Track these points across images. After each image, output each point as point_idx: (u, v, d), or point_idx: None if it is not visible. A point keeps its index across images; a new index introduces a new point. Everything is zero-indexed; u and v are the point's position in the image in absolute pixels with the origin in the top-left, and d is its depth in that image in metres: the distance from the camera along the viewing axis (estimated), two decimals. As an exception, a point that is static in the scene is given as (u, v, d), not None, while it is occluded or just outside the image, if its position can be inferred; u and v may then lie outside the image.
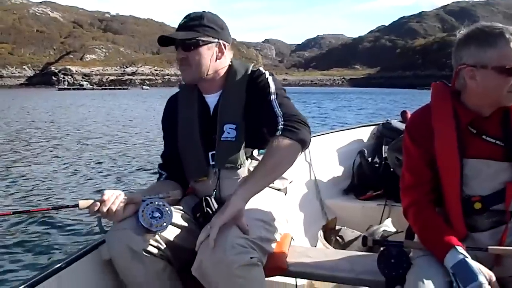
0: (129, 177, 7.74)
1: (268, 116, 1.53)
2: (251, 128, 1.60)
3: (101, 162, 9.17)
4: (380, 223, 2.60)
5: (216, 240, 1.28)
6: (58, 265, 1.40)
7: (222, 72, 1.66)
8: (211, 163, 1.62)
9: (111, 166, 8.75)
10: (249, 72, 1.66)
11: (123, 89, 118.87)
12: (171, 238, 1.48)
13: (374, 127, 3.66)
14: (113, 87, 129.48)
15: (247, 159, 1.61)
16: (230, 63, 1.69)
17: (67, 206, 1.50)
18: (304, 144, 1.45)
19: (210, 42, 1.60)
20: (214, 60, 1.62)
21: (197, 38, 1.57)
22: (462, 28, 1.37)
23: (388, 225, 2.48)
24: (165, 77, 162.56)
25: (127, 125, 17.88)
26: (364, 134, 3.62)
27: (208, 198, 1.52)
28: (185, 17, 1.63)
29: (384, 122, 3.58)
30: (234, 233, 1.32)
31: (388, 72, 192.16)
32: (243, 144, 1.59)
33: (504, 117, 1.36)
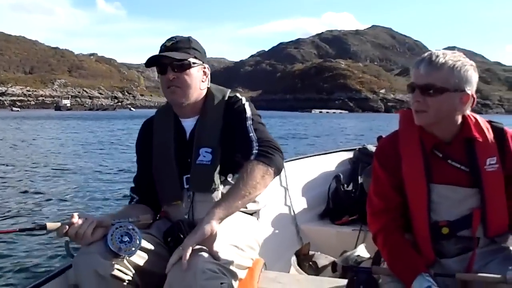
0: (99, 200, 7.57)
1: (243, 141, 1.54)
2: (227, 153, 1.60)
3: (70, 185, 8.91)
4: (354, 248, 2.60)
5: (187, 264, 1.26)
6: None
7: (201, 96, 1.67)
8: (185, 186, 1.62)
9: (80, 189, 8.52)
10: (226, 97, 1.68)
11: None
12: (140, 263, 1.45)
13: (350, 152, 3.70)
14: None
15: (221, 184, 1.60)
16: (208, 87, 1.70)
17: (33, 228, 1.45)
18: (277, 169, 1.48)
19: (198, 65, 1.62)
20: (200, 83, 1.64)
21: (189, 59, 1.58)
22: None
23: (361, 251, 2.48)
24: (38, 98, 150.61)
25: (91, 147, 17.16)
26: (340, 159, 3.65)
27: (180, 222, 1.50)
28: (171, 39, 1.62)
29: (360, 147, 3.63)
30: (204, 258, 1.31)
31: (270, 95, 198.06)
32: (218, 168, 1.59)
33: (467, 144, 1.40)
